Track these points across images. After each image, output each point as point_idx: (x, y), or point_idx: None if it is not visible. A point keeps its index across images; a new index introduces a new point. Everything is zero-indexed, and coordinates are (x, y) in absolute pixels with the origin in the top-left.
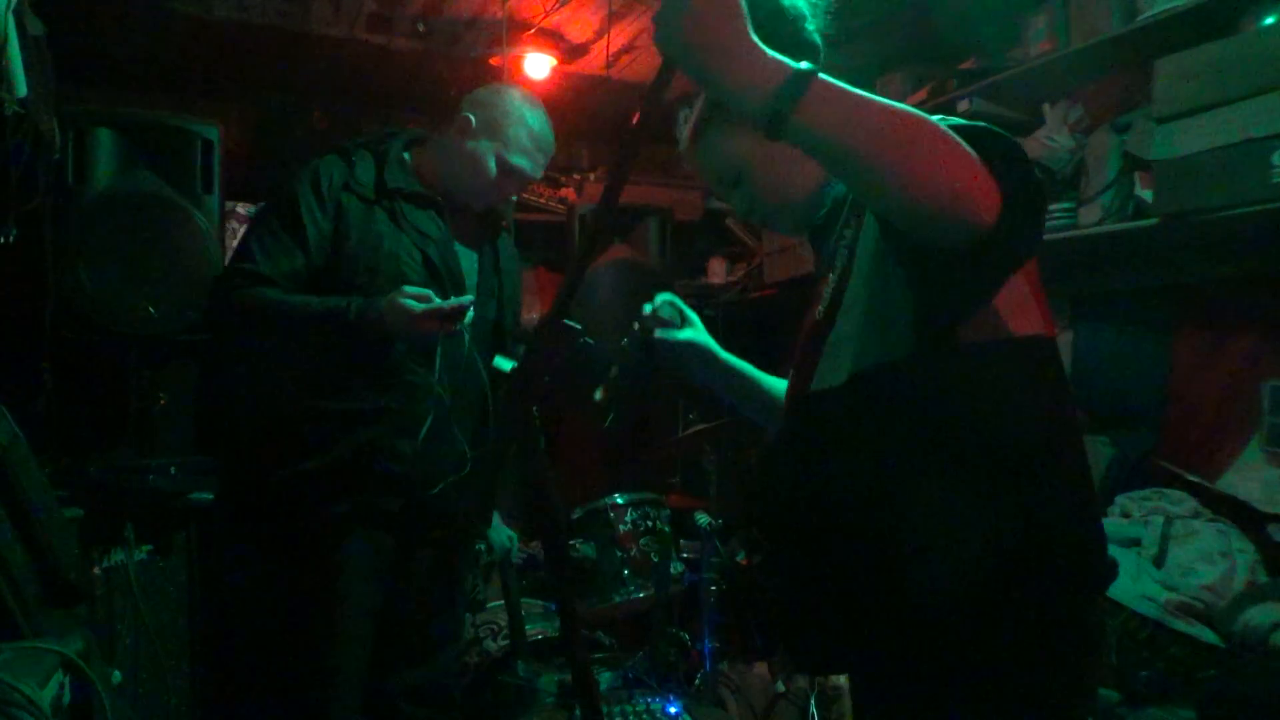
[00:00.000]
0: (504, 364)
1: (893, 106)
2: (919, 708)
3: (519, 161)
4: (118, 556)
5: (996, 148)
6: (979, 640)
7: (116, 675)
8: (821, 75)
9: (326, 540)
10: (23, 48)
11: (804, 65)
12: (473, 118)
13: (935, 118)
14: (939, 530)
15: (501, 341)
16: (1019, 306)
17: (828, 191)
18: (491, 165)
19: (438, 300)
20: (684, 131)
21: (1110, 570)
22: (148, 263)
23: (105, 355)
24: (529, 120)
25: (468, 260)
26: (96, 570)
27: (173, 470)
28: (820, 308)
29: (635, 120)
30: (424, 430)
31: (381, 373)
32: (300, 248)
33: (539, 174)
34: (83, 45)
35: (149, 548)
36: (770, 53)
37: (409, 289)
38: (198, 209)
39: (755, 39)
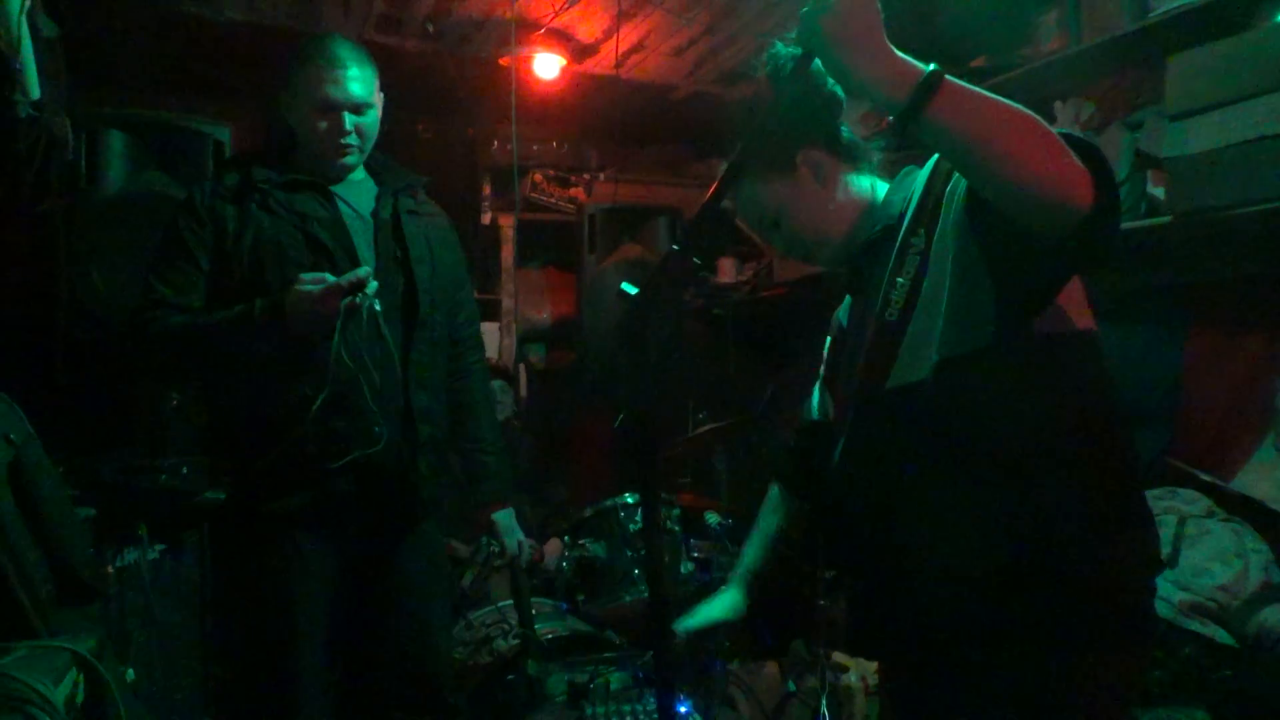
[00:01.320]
0: (629, 288)
1: (1007, 104)
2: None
3: (324, 92)
4: (131, 555)
5: (1087, 147)
6: (1055, 616)
7: (129, 673)
8: (948, 76)
9: (282, 542)
10: (36, 51)
11: (932, 66)
12: (284, 95)
13: None
14: (1024, 512)
15: (415, 308)
16: (1078, 304)
17: (877, 216)
18: (310, 117)
19: (331, 278)
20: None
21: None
22: None
23: (117, 355)
24: (314, 52)
25: (363, 235)
26: (110, 569)
27: (184, 470)
28: (891, 310)
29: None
30: (316, 404)
31: (293, 362)
32: (196, 270)
33: (355, 87)
34: (95, 47)
35: (161, 546)
36: (900, 54)
37: (305, 275)
38: None
39: (888, 42)
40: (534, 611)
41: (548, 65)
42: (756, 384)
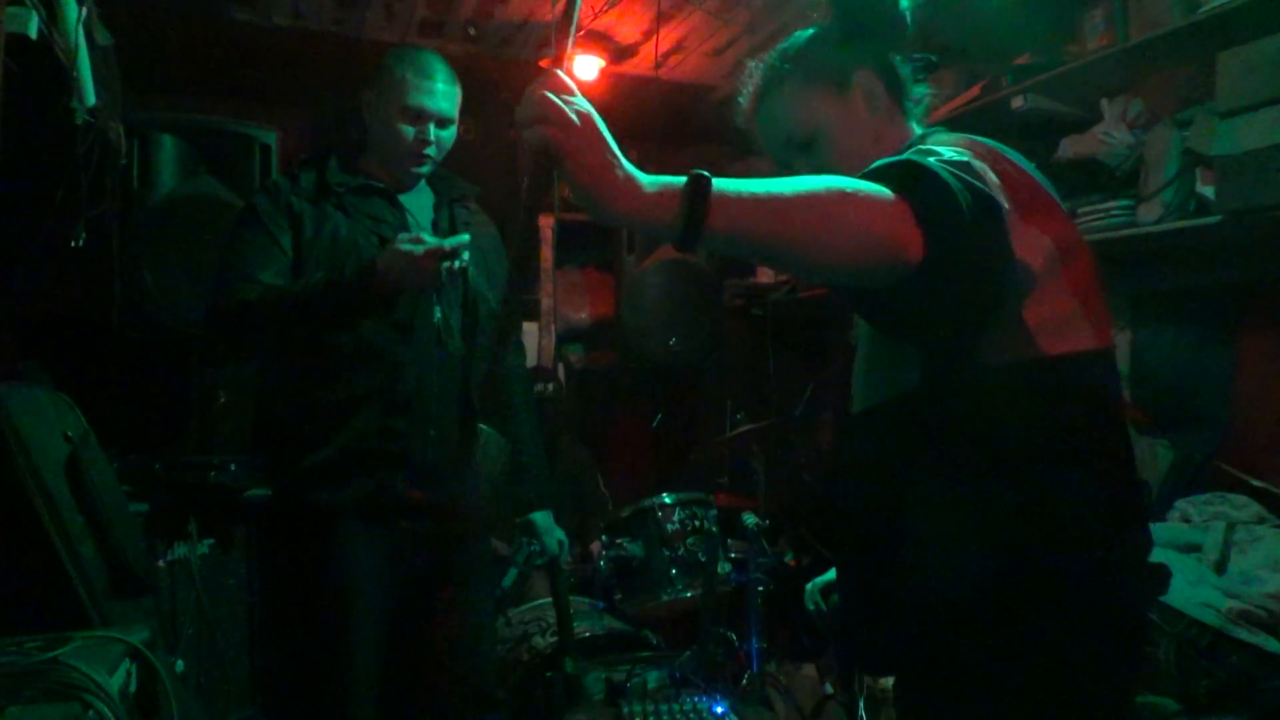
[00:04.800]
0: None
1: (788, 187)
2: (954, 708)
3: (417, 100)
4: (181, 550)
5: (908, 181)
6: (1000, 645)
7: (179, 664)
8: (714, 182)
9: (334, 536)
10: (92, 59)
11: (696, 175)
12: (368, 94)
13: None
14: (939, 546)
15: (475, 314)
16: (1059, 324)
17: None
18: (396, 120)
19: (431, 240)
20: (748, 88)
21: (1158, 582)
22: (209, 264)
23: (168, 354)
24: (408, 60)
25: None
26: (161, 563)
27: (232, 467)
28: (854, 331)
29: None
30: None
31: (364, 355)
32: (279, 250)
33: (444, 103)
34: (148, 55)
35: (210, 542)
36: (641, 177)
37: (403, 235)
38: None
39: (626, 164)
40: (572, 610)
41: (587, 67)
42: (795, 384)
